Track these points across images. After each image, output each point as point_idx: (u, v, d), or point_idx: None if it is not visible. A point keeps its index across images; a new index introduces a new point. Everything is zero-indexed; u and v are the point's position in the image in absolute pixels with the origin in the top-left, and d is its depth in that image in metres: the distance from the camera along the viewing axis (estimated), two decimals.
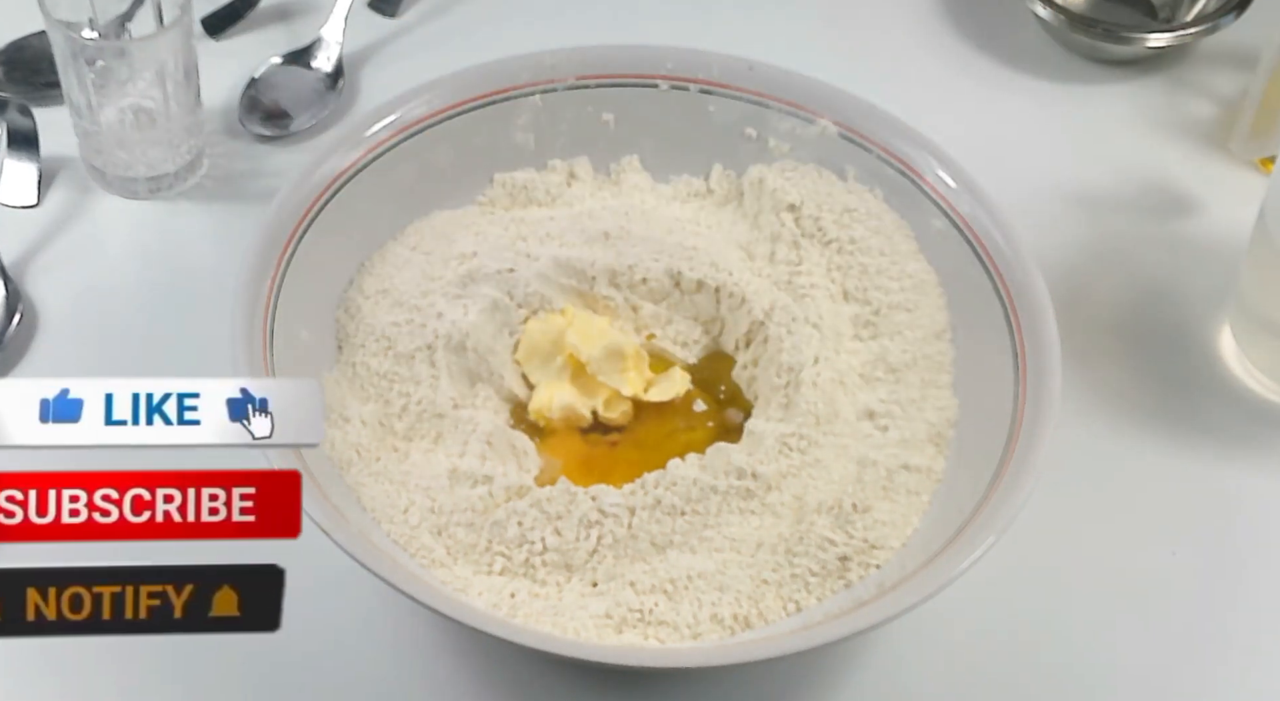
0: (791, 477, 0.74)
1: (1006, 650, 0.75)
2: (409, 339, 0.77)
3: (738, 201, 0.85)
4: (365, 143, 0.81)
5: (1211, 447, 0.83)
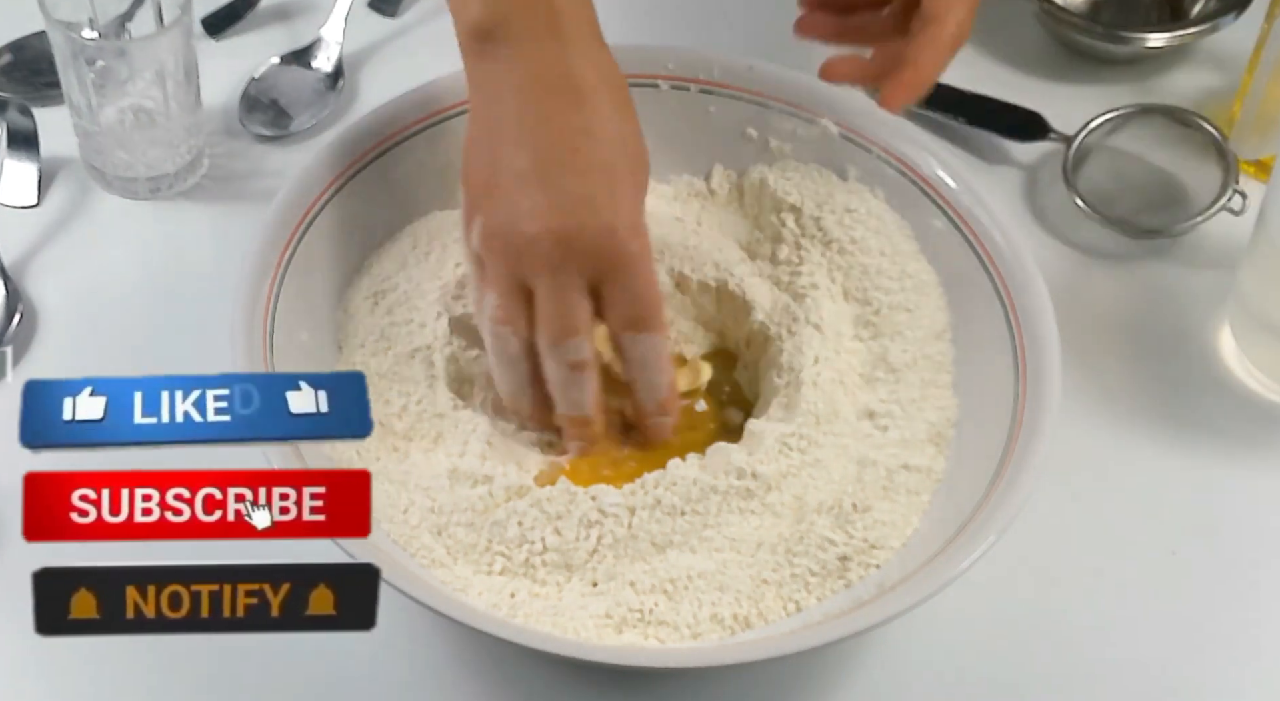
0: (791, 478, 0.74)
1: (1006, 650, 0.75)
2: (409, 339, 0.77)
3: (738, 202, 0.85)
4: (365, 143, 0.81)
5: (1211, 447, 0.83)
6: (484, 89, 0.72)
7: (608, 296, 0.71)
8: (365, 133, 0.81)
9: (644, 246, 0.72)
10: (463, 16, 0.72)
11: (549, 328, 0.71)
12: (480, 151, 0.72)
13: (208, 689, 0.72)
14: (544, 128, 0.70)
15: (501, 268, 0.71)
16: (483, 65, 0.72)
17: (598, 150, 0.71)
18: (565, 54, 0.71)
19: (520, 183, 0.70)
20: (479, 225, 0.71)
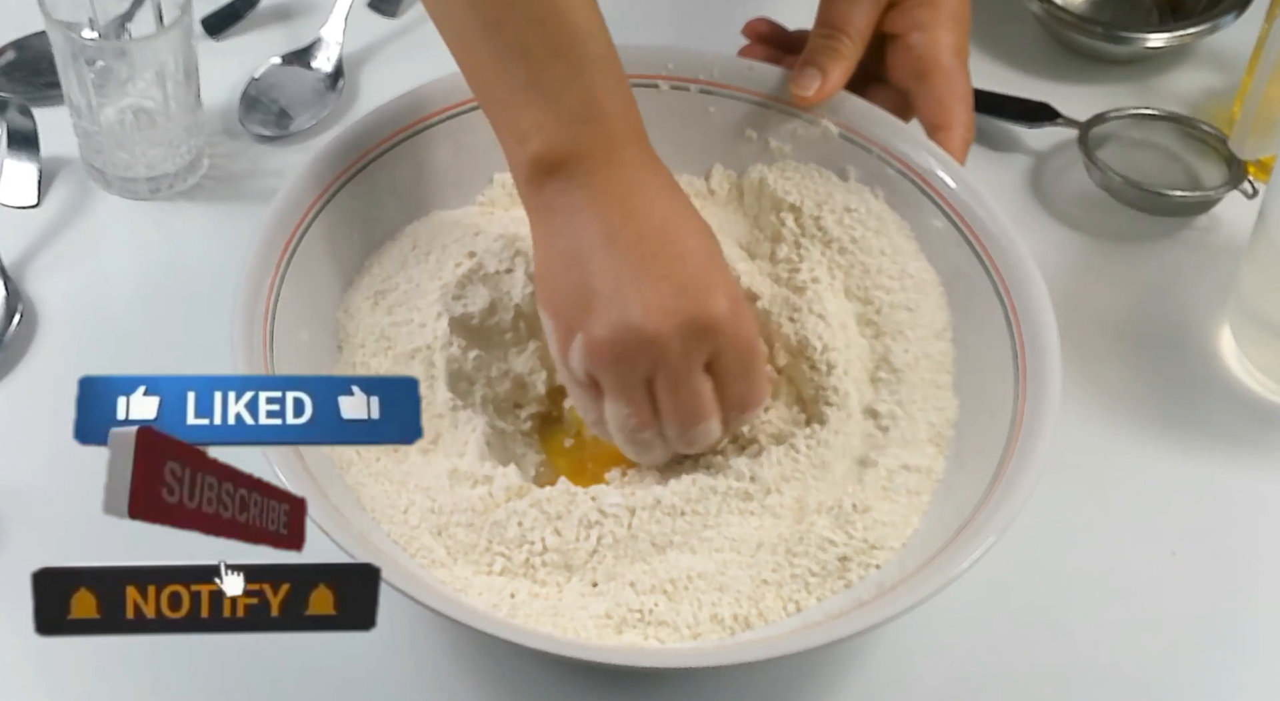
0: (793, 479, 0.74)
1: (1006, 650, 0.75)
2: (408, 339, 0.77)
3: (738, 201, 0.85)
4: (365, 143, 0.81)
5: (1211, 448, 0.83)
6: (555, 215, 0.71)
7: (721, 376, 0.72)
8: (365, 132, 0.81)
9: (750, 323, 0.72)
10: (523, 149, 0.71)
11: (678, 419, 0.72)
12: (563, 272, 0.71)
13: (207, 689, 0.72)
14: (628, 230, 0.70)
15: (621, 372, 0.70)
16: (546, 189, 0.71)
17: (684, 238, 0.71)
18: (628, 164, 0.71)
19: (619, 286, 0.69)
20: (581, 342, 0.70)
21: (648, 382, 0.71)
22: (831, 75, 0.82)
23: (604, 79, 0.71)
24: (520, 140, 0.71)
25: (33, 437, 0.81)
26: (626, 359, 0.70)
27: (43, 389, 0.83)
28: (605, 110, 0.71)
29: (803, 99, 0.83)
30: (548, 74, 0.70)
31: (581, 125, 0.70)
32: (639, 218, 0.71)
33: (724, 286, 0.71)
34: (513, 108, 0.71)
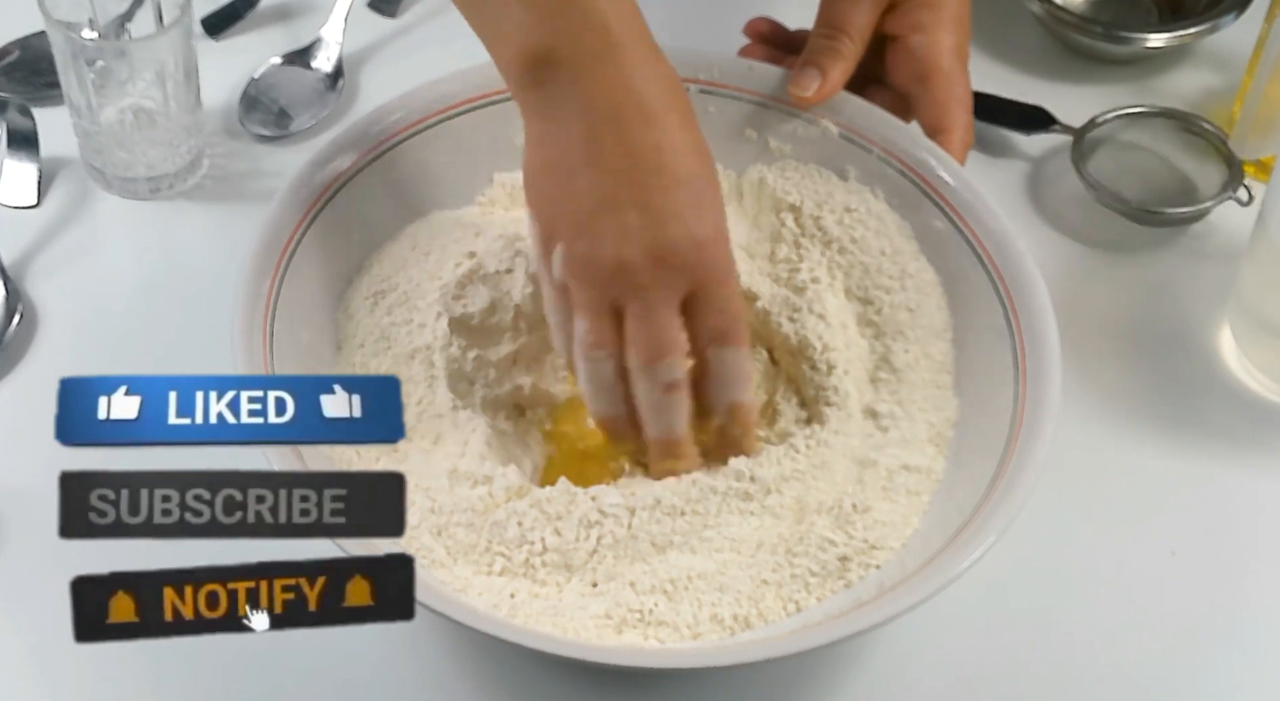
0: (793, 479, 0.74)
1: (1006, 650, 0.75)
2: (408, 339, 0.77)
3: (737, 201, 0.85)
4: (365, 143, 0.81)
5: (1211, 448, 0.83)
6: (546, 116, 0.71)
7: (696, 310, 0.71)
8: (365, 133, 0.81)
9: (730, 257, 0.72)
10: (508, 47, 0.71)
11: (644, 349, 0.70)
12: (552, 178, 0.71)
13: (207, 689, 0.72)
14: (620, 148, 0.70)
15: (591, 292, 0.70)
16: (539, 92, 0.71)
17: (678, 164, 0.70)
18: (626, 72, 0.70)
19: (604, 206, 0.69)
20: (561, 252, 0.70)
21: (616, 306, 0.70)
22: (831, 76, 0.82)
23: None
24: (505, 39, 0.71)
25: (33, 437, 0.80)
26: (600, 280, 0.70)
27: (43, 389, 0.82)
28: (593, 8, 0.69)
29: (802, 99, 0.83)
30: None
31: (564, 20, 0.69)
32: (630, 136, 0.69)
33: (709, 218, 0.70)
34: (496, 6, 0.71)
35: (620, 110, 0.70)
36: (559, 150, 0.70)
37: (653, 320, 0.70)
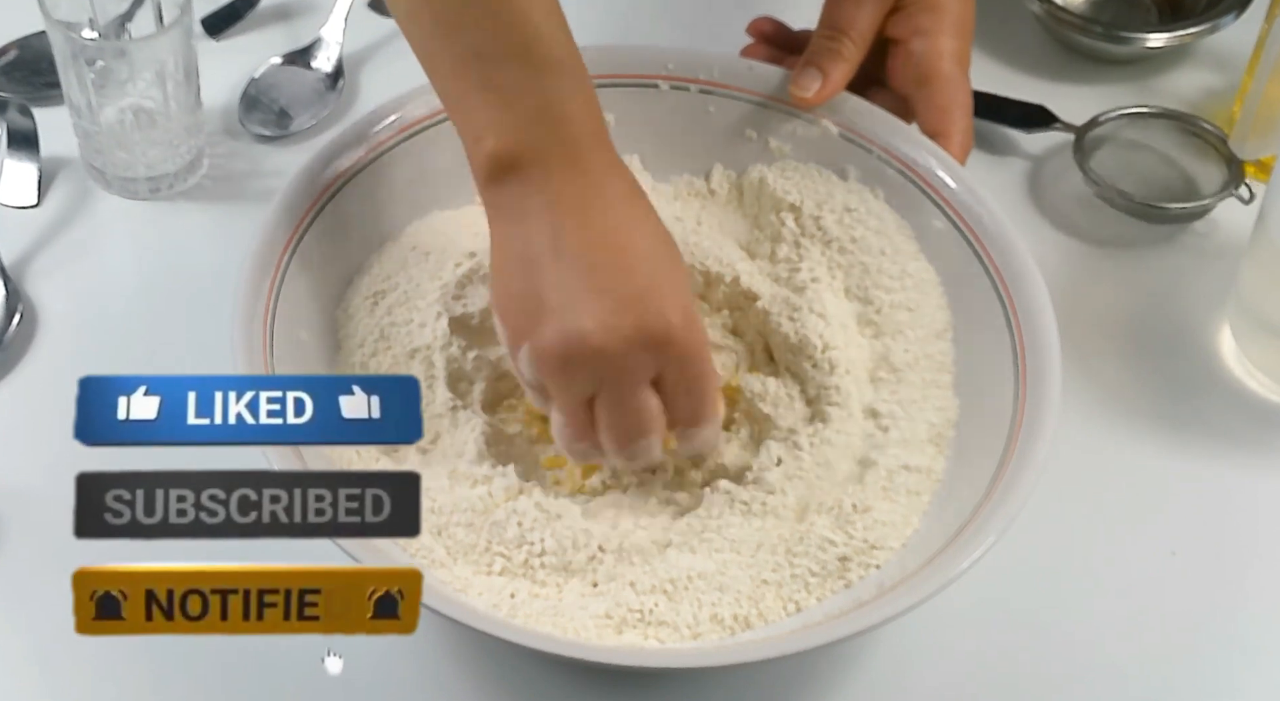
0: (795, 479, 0.74)
1: (1006, 650, 0.75)
2: (408, 339, 0.77)
3: (738, 201, 0.85)
4: (365, 143, 0.81)
5: (1211, 448, 0.83)
6: (510, 216, 0.71)
7: (668, 391, 0.71)
8: (365, 133, 0.81)
9: (701, 337, 0.71)
10: (478, 147, 0.71)
11: (618, 436, 0.70)
12: (515, 276, 0.71)
13: (208, 689, 0.72)
14: (583, 235, 0.69)
15: (562, 384, 0.70)
16: (505, 191, 0.71)
17: (638, 248, 0.70)
18: (592, 172, 0.70)
19: (568, 297, 0.69)
20: (528, 350, 0.70)
21: (589, 395, 0.70)
22: (832, 77, 0.82)
23: (562, 82, 0.70)
24: (476, 139, 0.71)
25: (33, 437, 0.81)
26: (569, 370, 0.69)
27: (43, 389, 0.83)
28: (564, 113, 0.70)
29: (803, 100, 0.83)
30: (504, 75, 0.70)
31: (538, 126, 0.70)
32: (593, 226, 0.70)
33: (675, 300, 0.70)
34: (470, 107, 0.71)
35: (584, 200, 0.70)
36: (522, 246, 0.70)
37: (625, 407, 0.70)
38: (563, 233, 0.69)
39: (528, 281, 0.70)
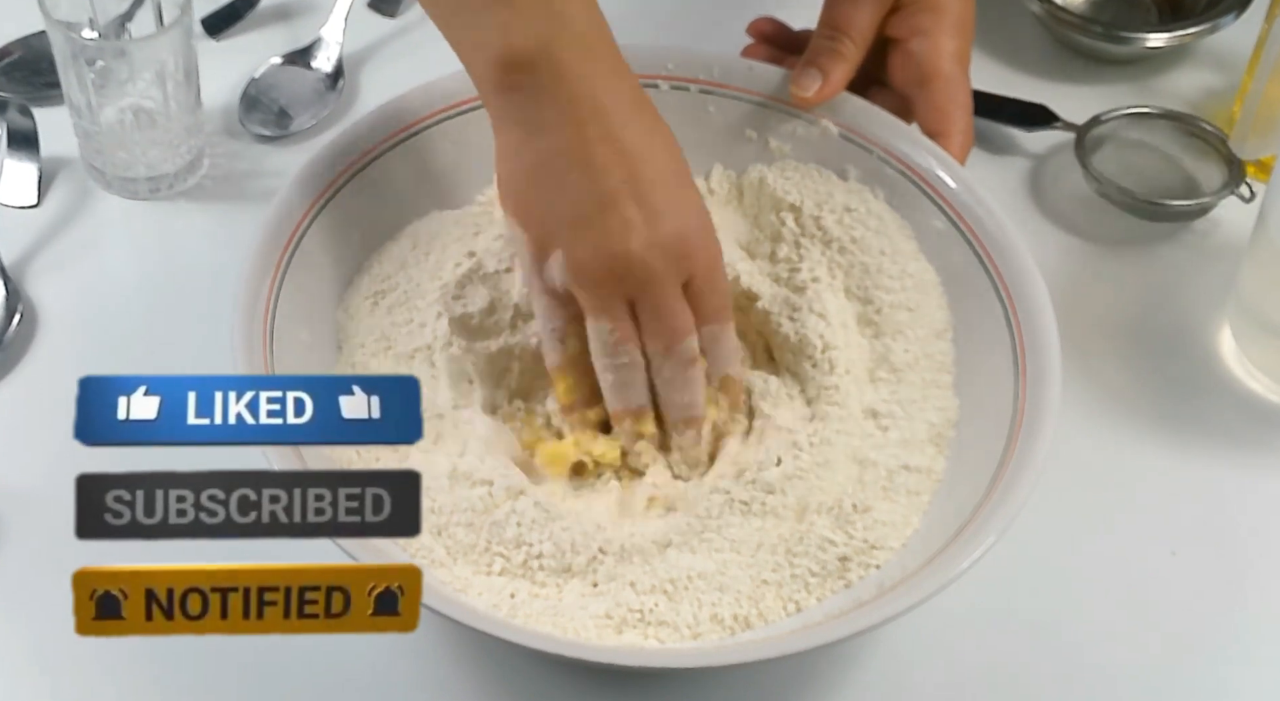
0: (795, 479, 0.74)
1: (1006, 650, 0.75)
2: (408, 339, 0.77)
3: (737, 201, 0.85)
4: (365, 143, 0.81)
5: (1211, 448, 0.83)
6: (522, 121, 0.71)
7: (696, 294, 0.73)
8: (365, 132, 0.81)
9: (718, 243, 0.74)
10: (484, 51, 0.71)
11: (666, 336, 0.73)
12: (538, 185, 0.72)
13: (208, 689, 0.72)
14: (608, 147, 0.71)
15: (605, 292, 0.72)
16: (517, 96, 0.71)
17: (659, 159, 0.72)
18: (604, 74, 0.71)
19: (600, 205, 0.71)
20: (561, 259, 0.72)
21: (629, 300, 0.72)
22: (832, 77, 0.82)
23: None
24: (480, 46, 0.71)
25: (33, 437, 0.81)
26: (611, 279, 0.71)
27: (43, 389, 0.83)
28: (567, 10, 0.70)
29: (803, 100, 0.83)
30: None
31: (544, 23, 0.70)
32: (614, 136, 0.71)
33: (697, 206, 0.73)
34: (472, 11, 0.71)
35: (603, 110, 0.71)
36: (542, 155, 0.71)
37: (667, 308, 0.72)
38: (586, 145, 0.71)
39: (552, 190, 0.71)
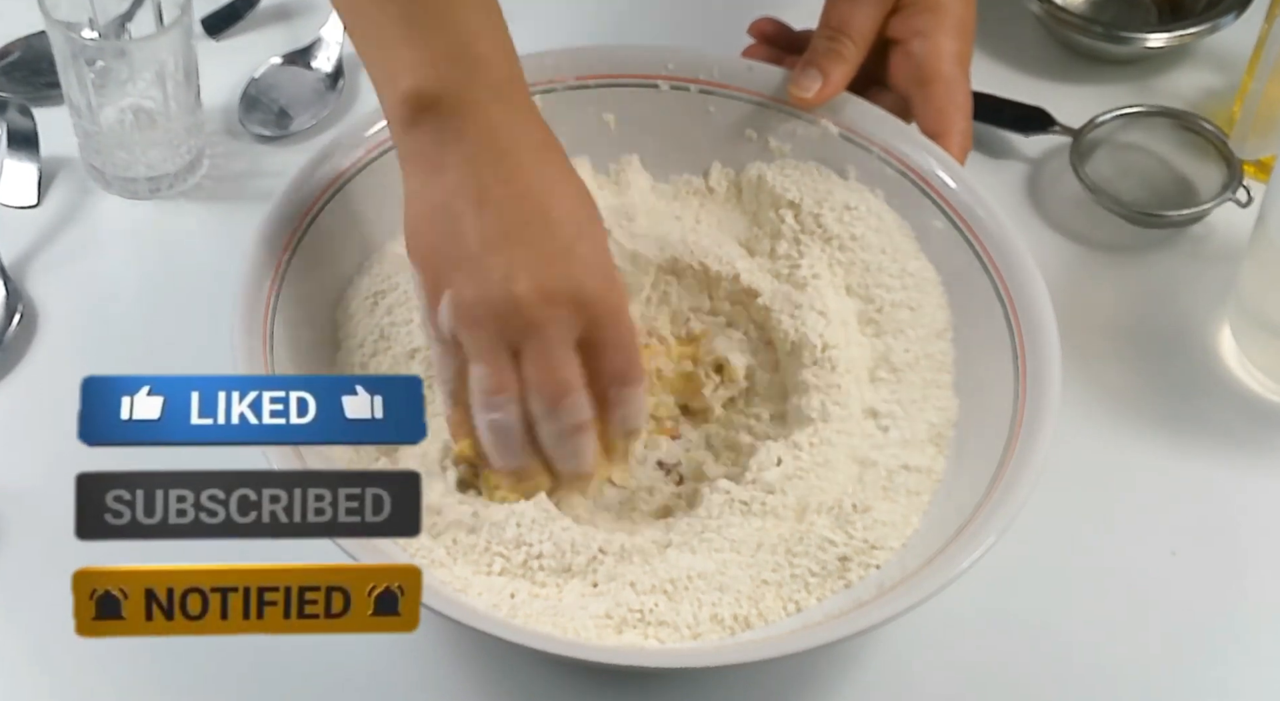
0: (795, 479, 0.74)
1: (1006, 650, 0.75)
2: (408, 339, 0.77)
3: (737, 199, 0.85)
4: (365, 143, 0.81)
5: (1211, 448, 0.83)
6: (426, 161, 0.70)
7: (594, 350, 0.70)
8: (365, 133, 0.81)
9: (622, 296, 0.72)
10: (394, 89, 0.70)
11: (547, 390, 0.69)
12: (435, 225, 0.70)
13: (208, 689, 0.72)
14: (505, 188, 0.69)
15: (484, 336, 0.69)
16: (420, 136, 0.70)
17: (561, 205, 0.70)
18: (509, 117, 0.70)
19: (490, 248, 0.68)
20: (450, 298, 0.69)
21: (513, 348, 0.69)
22: (832, 77, 0.82)
23: (480, 20, 0.70)
24: (391, 80, 0.70)
25: (33, 437, 0.81)
26: (492, 322, 0.69)
27: (43, 389, 0.83)
28: (480, 53, 0.70)
29: (803, 100, 0.83)
30: (422, 12, 0.69)
31: (454, 65, 0.69)
32: (515, 179, 0.69)
33: (596, 258, 0.70)
34: (385, 47, 0.70)
35: (504, 152, 0.70)
36: (441, 195, 0.70)
37: (551, 358, 0.69)
38: (484, 186, 0.69)
39: (448, 230, 0.69)
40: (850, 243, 0.81)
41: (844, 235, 0.82)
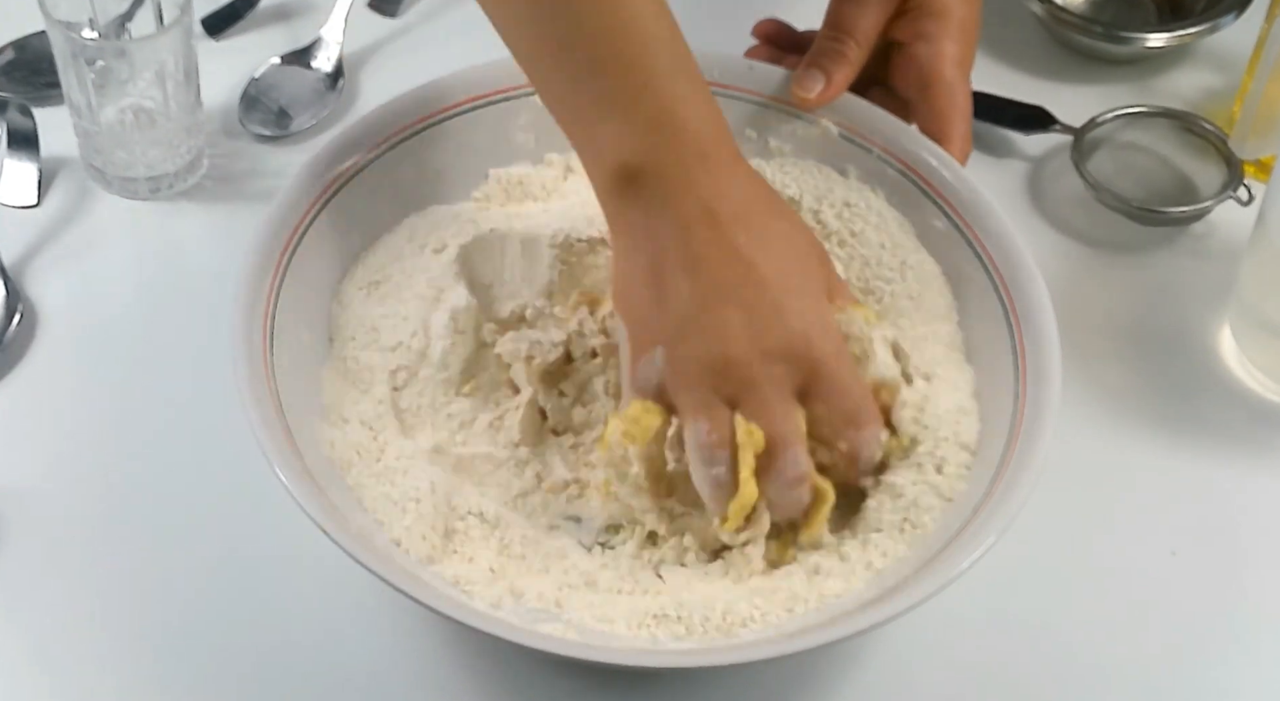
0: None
1: (1006, 650, 0.75)
2: (392, 331, 0.77)
3: None
4: (365, 143, 0.81)
5: (1211, 448, 0.83)
6: (636, 228, 0.71)
7: (817, 398, 0.70)
8: (365, 132, 0.81)
9: (840, 346, 0.71)
10: (603, 161, 0.71)
11: (769, 444, 0.69)
12: (644, 287, 0.71)
13: (208, 689, 0.72)
14: (714, 250, 0.70)
15: (701, 391, 0.69)
16: (628, 206, 0.71)
17: (770, 263, 0.70)
18: (716, 180, 0.71)
19: (702, 307, 0.69)
20: (662, 354, 0.69)
21: (731, 404, 0.69)
22: (835, 79, 0.82)
23: (679, 87, 0.71)
24: (597, 154, 0.71)
25: (33, 437, 0.81)
26: (709, 381, 0.69)
27: (43, 389, 0.83)
28: (682, 118, 0.70)
29: (805, 101, 0.83)
30: (621, 86, 0.70)
31: (658, 135, 0.70)
32: (724, 240, 0.70)
33: (810, 313, 0.70)
34: (589, 122, 0.71)
35: (712, 215, 0.70)
36: (650, 258, 0.70)
37: (771, 412, 0.69)
38: (691, 245, 0.70)
39: (658, 291, 0.70)
40: (850, 238, 0.81)
41: (844, 231, 0.82)
